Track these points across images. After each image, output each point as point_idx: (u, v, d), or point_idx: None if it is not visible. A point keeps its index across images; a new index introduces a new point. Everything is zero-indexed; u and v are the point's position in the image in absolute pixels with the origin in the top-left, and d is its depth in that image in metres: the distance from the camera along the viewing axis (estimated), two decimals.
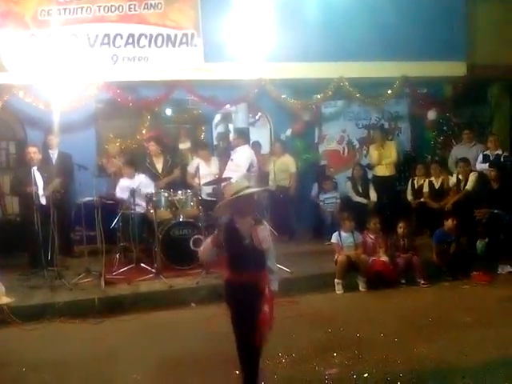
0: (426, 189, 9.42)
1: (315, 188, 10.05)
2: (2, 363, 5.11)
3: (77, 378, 4.73)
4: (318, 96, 10.15)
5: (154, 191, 7.96)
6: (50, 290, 6.96)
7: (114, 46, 9.11)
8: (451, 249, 7.62)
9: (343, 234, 7.49)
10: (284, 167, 9.85)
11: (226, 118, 12.25)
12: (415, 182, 9.67)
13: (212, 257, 4.09)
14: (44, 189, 7.83)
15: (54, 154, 8.70)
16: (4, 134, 10.12)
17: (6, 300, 6.59)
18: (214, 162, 9.29)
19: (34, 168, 7.80)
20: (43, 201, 7.78)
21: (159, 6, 9.23)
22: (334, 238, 7.56)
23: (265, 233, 3.91)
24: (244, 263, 3.85)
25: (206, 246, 4.04)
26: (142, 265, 7.50)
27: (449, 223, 7.76)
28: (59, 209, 7.80)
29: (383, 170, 9.95)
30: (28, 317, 6.30)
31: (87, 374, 4.80)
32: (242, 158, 8.75)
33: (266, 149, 10.95)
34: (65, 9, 9.00)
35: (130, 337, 5.69)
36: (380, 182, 9.92)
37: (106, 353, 5.26)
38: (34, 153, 8.10)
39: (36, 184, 7.60)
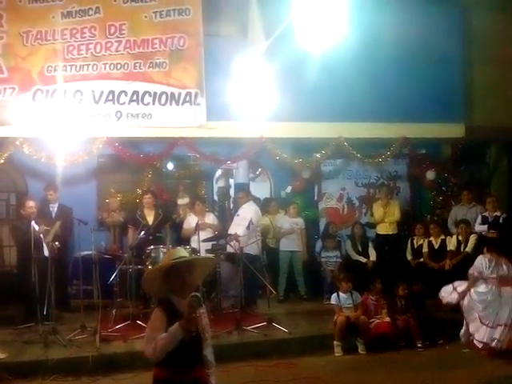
0: (425, 249, 9.41)
1: (318, 245, 10.03)
2: None
3: None
4: (318, 155, 10.27)
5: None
6: (44, 346, 6.84)
7: (119, 102, 9.27)
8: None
9: (342, 294, 7.42)
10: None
11: (227, 174, 12.37)
12: (415, 241, 9.66)
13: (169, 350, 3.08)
14: (44, 239, 7.82)
15: (54, 208, 8.74)
16: (5, 186, 10.17)
17: None
18: (209, 217, 9.30)
19: (33, 221, 7.83)
20: (42, 252, 7.76)
21: (164, 65, 9.45)
22: (333, 298, 7.49)
23: (206, 318, 3.33)
24: (184, 356, 3.13)
25: (167, 341, 3.05)
26: (138, 322, 7.39)
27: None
28: (57, 262, 7.77)
29: (386, 229, 9.98)
30: (21, 373, 6.22)
31: None
32: (248, 213, 8.83)
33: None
34: (71, 65, 9.21)
35: None
36: (382, 240, 9.95)
37: None
38: (30, 207, 8.15)
39: (34, 237, 7.60)
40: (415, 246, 9.62)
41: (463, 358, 6.84)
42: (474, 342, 6.99)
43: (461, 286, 7.30)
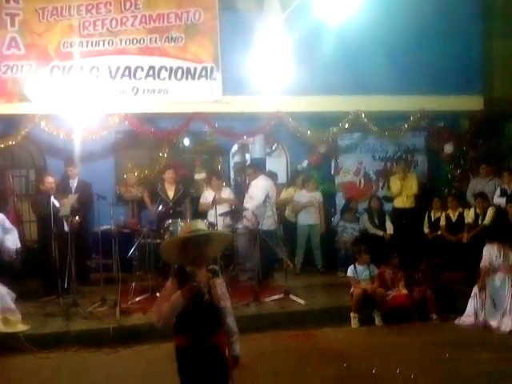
0: (442, 222, 9.37)
1: (337, 218, 10.05)
2: None
3: None
4: (335, 129, 10.22)
5: None
6: (66, 318, 6.98)
7: (135, 78, 9.29)
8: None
9: (359, 267, 7.46)
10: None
11: (243, 149, 12.36)
12: (432, 214, 9.62)
13: (173, 318, 3.29)
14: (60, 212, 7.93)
15: (73, 183, 8.85)
16: (24, 162, 10.28)
17: (21, 327, 6.66)
18: (225, 192, 9.34)
19: (52, 197, 7.93)
20: (62, 227, 7.88)
21: (180, 39, 9.43)
22: (350, 271, 7.52)
23: (223, 287, 3.41)
24: (201, 325, 3.27)
25: (170, 307, 3.22)
26: (157, 294, 7.50)
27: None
28: (77, 236, 7.89)
29: (403, 202, 9.95)
30: (43, 345, 6.34)
31: None
32: (257, 189, 8.82)
33: (282, 179, 11.00)
34: (87, 41, 9.23)
35: (144, 367, 5.69)
36: (400, 213, 9.92)
37: (120, 382, 5.25)
38: (49, 182, 8.25)
39: (54, 212, 7.71)
40: (432, 220, 9.58)
41: (476, 333, 6.82)
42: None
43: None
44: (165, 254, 3.49)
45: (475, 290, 7.08)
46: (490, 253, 7.07)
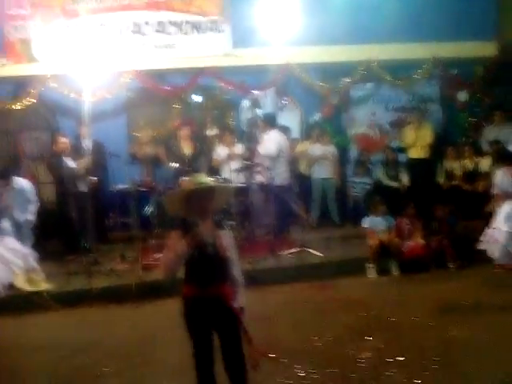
0: (458, 171, 9.33)
1: (349, 172, 10.01)
2: (43, 347, 5.27)
3: (116, 360, 4.85)
4: (347, 79, 10.07)
5: None
6: (88, 276, 7.12)
7: (143, 34, 9.18)
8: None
9: (375, 218, 7.49)
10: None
11: (254, 104, 12.24)
12: (447, 164, 9.57)
13: (179, 268, 3.42)
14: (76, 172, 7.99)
15: (87, 143, 8.86)
16: (37, 124, 10.28)
17: (45, 286, 6.83)
18: (238, 147, 9.31)
19: (66, 157, 7.96)
20: (78, 187, 7.96)
21: None
22: (366, 222, 7.56)
23: (228, 239, 3.48)
24: (206, 275, 3.36)
25: (174, 256, 3.35)
26: None
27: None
28: (93, 196, 7.97)
29: (418, 152, 9.85)
30: (67, 302, 6.51)
31: (126, 357, 4.92)
32: (268, 143, 8.78)
33: (295, 134, 10.92)
34: None
35: (166, 321, 5.78)
36: (414, 164, 9.85)
37: (144, 336, 5.39)
38: (63, 143, 8.27)
39: (69, 172, 7.77)
40: (447, 169, 9.54)
41: (495, 277, 6.87)
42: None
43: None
44: (169, 206, 3.54)
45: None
46: (503, 178, 7.00)
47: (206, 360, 3.44)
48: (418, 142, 9.80)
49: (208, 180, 3.55)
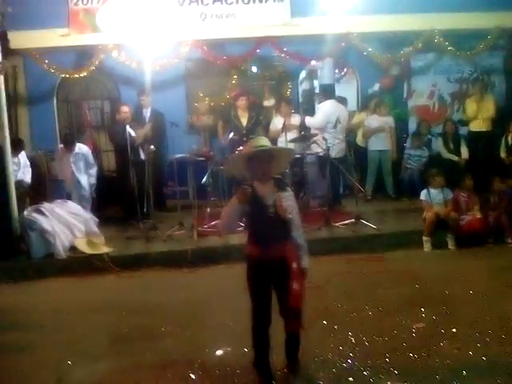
0: None
1: (408, 144, 9.86)
2: (104, 308, 5.51)
3: (174, 320, 5.02)
4: (408, 49, 9.81)
5: None
6: (146, 241, 7.40)
7: (202, 3, 9.20)
8: None
9: (432, 190, 7.36)
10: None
11: (312, 74, 12.15)
12: (509, 138, 9.25)
13: (234, 225, 3.62)
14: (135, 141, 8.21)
15: (147, 113, 9.08)
16: (99, 94, 10.57)
17: (105, 249, 7.12)
18: (295, 118, 9.27)
19: (128, 126, 8.17)
20: (138, 156, 8.18)
21: None
22: (423, 194, 7.44)
23: (289, 201, 3.50)
24: (267, 235, 3.45)
25: (228, 211, 3.50)
26: None
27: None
28: (153, 164, 8.18)
29: (480, 125, 9.60)
30: (126, 265, 6.77)
31: (183, 318, 5.09)
32: (322, 112, 8.77)
33: (353, 106, 10.80)
34: None
35: (221, 285, 5.96)
36: (476, 137, 9.62)
37: (200, 300, 5.55)
38: (125, 112, 8.48)
39: (130, 141, 7.98)
40: (510, 143, 9.22)
41: None
42: None
43: None
44: (230, 167, 3.70)
45: None
46: None
47: (263, 318, 3.55)
48: (479, 114, 9.55)
49: (268, 143, 3.60)
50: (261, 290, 3.54)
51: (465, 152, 9.34)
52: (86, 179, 8.53)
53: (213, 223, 7.58)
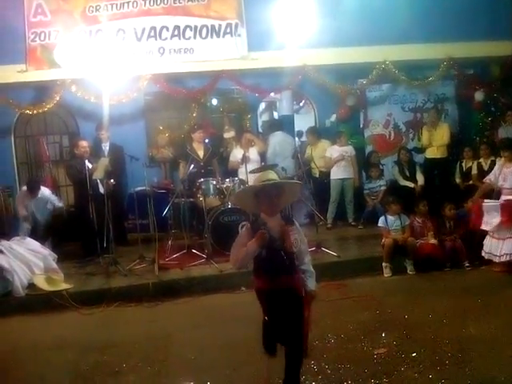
0: (474, 171, 9.30)
1: (363, 175, 10.03)
2: (63, 345, 5.39)
3: (134, 357, 4.94)
4: (363, 80, 10.12)
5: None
6: (106, 276, 7.27)
7: (161, 38, 9.35)
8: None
9: (390, 217, 7.50)
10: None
11: (271, 106, 12.35)
12: (463, 164, 9.56)
13: (248, 262, 3.58)
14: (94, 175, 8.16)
15: (106, 147, 9.04)
16: (57, 128, 10.51)
17: (65, 286, 6.96)
18: (253, 150, 9.38)
19: (86, 161, 8.12)
20: (97, 190, 8.12)
21: None
22: (381, 221, 7.56)
23: (296, 234, 3.55)
24: (275, 268, 3.49)
25: (245, 253, 3.48)
26: (194, 251, 7.71)
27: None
28: (113, 198, 8.10)
29: (435, 152, 9.87)
30: (86, 301, 6.61)
31: (145, 353, 5.02)
32: (270, 146, 9.08)
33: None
34: (112, 4, 9.30)
35: (183, 319, 5.91)
36: (431, 164, 9.88)
37: (162, 334, 5.48)
38: (83, 147, 8.44)
39: (89, 175, 7.92)
40: (464, 169, 9.52)
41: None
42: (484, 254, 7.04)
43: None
44: (239, 202, 3.86)
45: None
46: (501, 170, 6.99)
47: (273, 333, 3.61)
48: (434, 141, 9.82)
49: (275, 177, 3.67)
50: (272, 313, 3.59)
51: (421, 179, 9.56)
52: (46, 218, 8.47)
53: (174, 256, 7.54)
